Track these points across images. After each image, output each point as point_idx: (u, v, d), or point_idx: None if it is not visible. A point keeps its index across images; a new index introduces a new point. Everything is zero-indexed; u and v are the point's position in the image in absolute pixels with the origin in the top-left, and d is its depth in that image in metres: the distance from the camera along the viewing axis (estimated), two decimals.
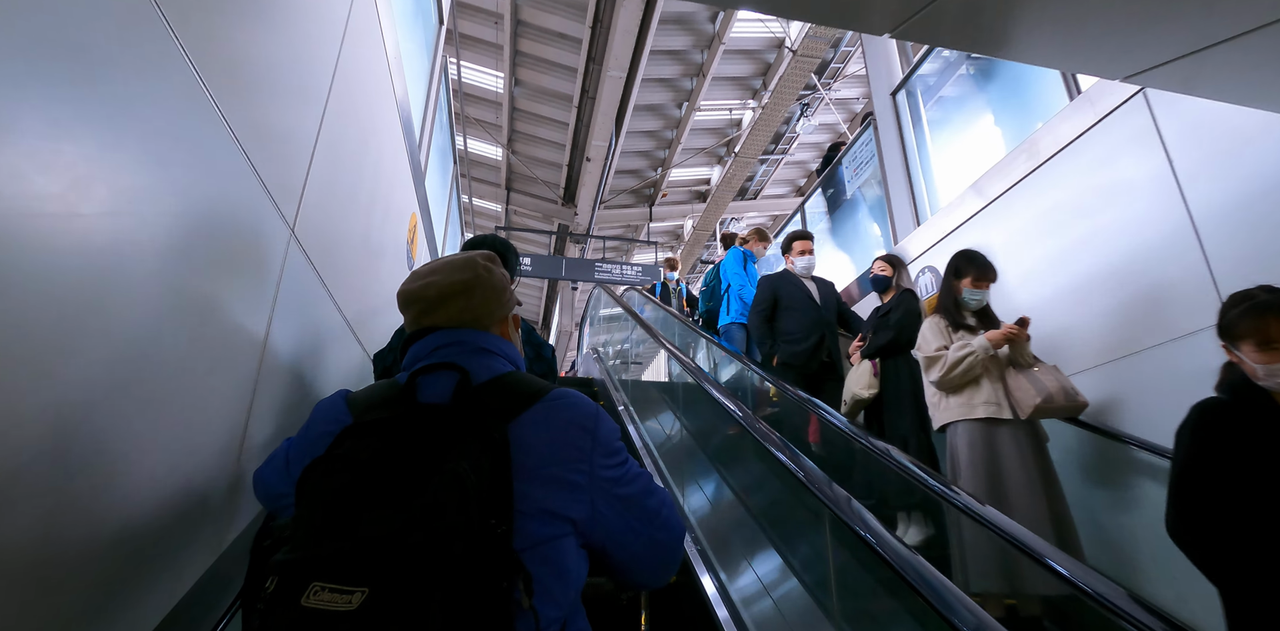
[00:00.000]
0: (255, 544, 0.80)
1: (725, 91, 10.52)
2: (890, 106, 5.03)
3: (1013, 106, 3.94)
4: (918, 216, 4.57)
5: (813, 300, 3.88)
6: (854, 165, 5.59)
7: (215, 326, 1.18)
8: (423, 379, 0.89)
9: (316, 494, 0.73)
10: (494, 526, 0.72)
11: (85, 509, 0.84)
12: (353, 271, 2.23)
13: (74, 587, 0.83)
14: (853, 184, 5.60)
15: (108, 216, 0.85)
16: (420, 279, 1.00)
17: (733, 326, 4.69)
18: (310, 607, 0.64)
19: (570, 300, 14.20)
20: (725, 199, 11.28)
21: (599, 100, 9.14)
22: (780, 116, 9.51)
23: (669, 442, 3.51)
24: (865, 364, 3.23)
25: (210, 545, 1.23)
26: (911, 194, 4.67)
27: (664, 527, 0.91)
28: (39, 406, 0.74)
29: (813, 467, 1.75)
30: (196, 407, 1.13)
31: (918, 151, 4.75)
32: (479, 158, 12.52)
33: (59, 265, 0.76)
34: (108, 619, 0.91)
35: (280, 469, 0.97)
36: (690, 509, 2.79)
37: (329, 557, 0.67)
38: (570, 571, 0.82)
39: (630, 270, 11.94)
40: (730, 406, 2.37)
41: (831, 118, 11.40)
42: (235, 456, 1.30)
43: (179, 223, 1.03)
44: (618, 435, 0.92)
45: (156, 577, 1.04)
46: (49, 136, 0.74)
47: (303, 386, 1.72)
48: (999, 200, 3.57)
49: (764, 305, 3.89)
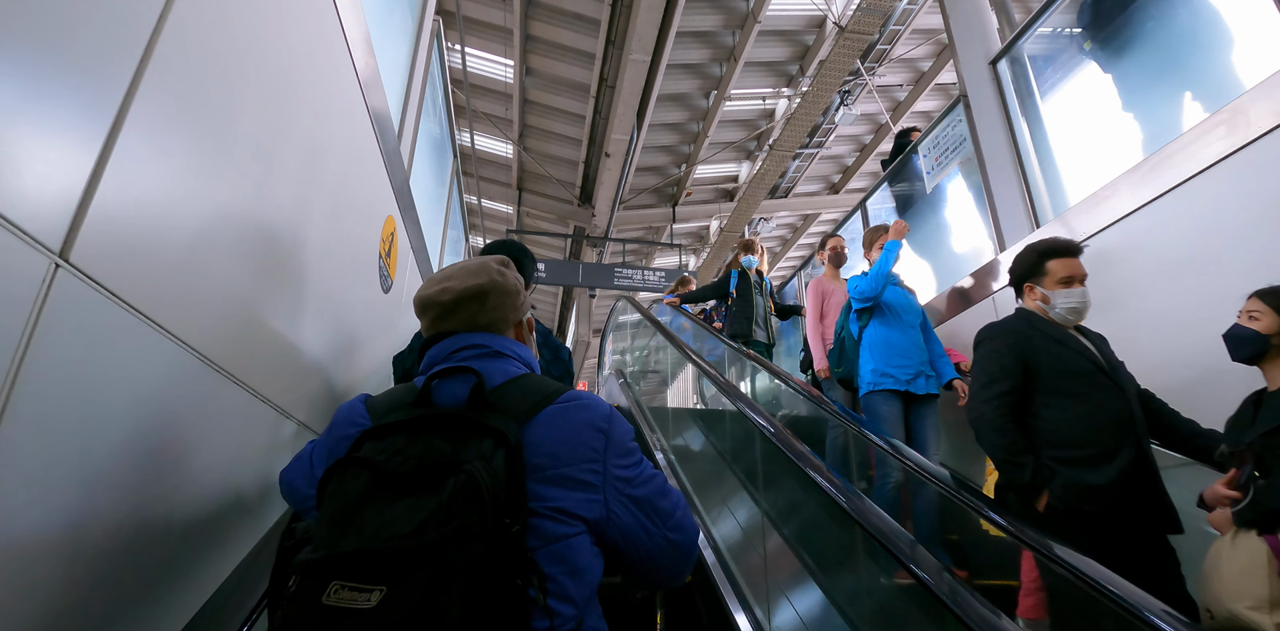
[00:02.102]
0: (279, 544, 0.82)
1: (758, 78, 9.52)
2: (989, 79, 4.04)
3: (1191, 69, 2.94)
4: (1034, 215, 3.58)
5: (1104, 374, 1.95)
6: (935, 153, 4.60)
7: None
8: (439, 383, 0.93)
9: (336, 495, 0.76)
10: (508, 526, 0.74)
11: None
12: (262, 301, 1.32)
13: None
14: (933, 176, 4.61)
15: None
16: (436, 284, 1.03)
17: (876, 396, 2.94)
18: (330, 605, 0.66)
19: (587, 308, 13.26)
20: (757, 197, 10.28)
21: (619, 89, 8.19)
22: (822, 104, 8.50)
23: (745, 536, 2.54)
24: (1252, 542, 1.50)
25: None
26: (1024, 187, 3.68)
27: (677, 529, 0.92)
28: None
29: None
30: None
31: (1029, 135, 3.76)
32: (488, 155, 11.61)
33: None
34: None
35: (305, 470, 1.04)
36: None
37: (348, 557, 0.69)
38: (585, 570, 0.83)
39: (652, 275, 11.03)
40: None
41: (874, 106, 10.38)
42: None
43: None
44: (632, 436, 0.94)
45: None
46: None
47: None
48: (1177, 191, 2.58)
49: (1008, 383, 1.94)
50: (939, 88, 10.47)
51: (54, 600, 0.83)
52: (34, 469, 0.78)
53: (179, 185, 1.06)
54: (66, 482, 0.85)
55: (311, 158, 1.70)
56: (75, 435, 0.85)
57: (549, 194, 12.03)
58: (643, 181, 11.58)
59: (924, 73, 10.18)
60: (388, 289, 2.74)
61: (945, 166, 4.48)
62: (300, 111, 1.59)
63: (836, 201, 12.87)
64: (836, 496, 1.69)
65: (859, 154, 12.08)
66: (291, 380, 1.66)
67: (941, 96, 10.78)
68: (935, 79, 10.07)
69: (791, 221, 14.22)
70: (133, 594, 1.01)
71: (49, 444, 0.81)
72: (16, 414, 0.74)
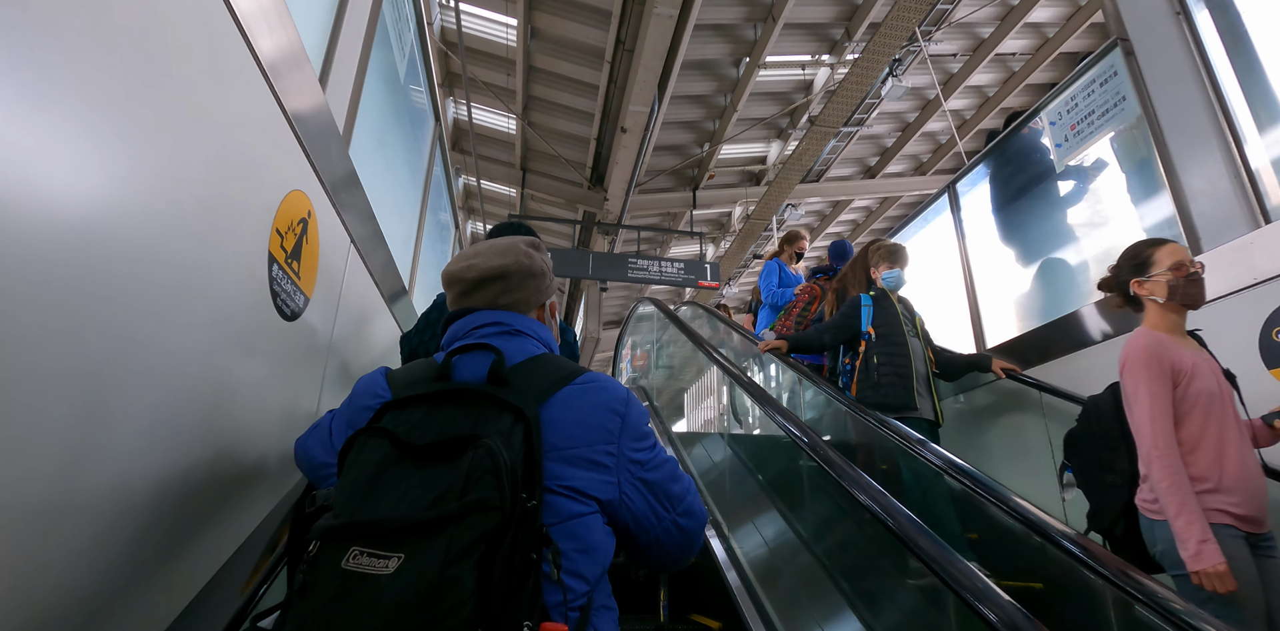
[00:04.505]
0: (297, 510, 0.91)
1: (797, 42, 8.31)
2: (1168, 10, 2.89)
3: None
4: (1261, 206, 2.47)
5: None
6: (1070, 119, 3.47)
7: None
8: (459, 358, 0.93)
9: (357, 464, 0.77)
10: (524, 500, 0.75)
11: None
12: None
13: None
14: (1065, 151, 3.47)
15: None
16: (464, 260, 1.05)
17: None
18: (350, 570, 0.68)
19: (597, 301, 12.15)
20: (791, 180, 9.12)
21: (640, 52, 7.01)
22: (874, 73, 7.34)
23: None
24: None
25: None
26: (1240, 165, 2.56)
27: (687, 513, 0.94)
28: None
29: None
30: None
31: (1244, 96, 2.63)
32: (487, 131, 10.44)
33: None
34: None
35: (324, 440, 1.04)
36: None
37: (368, 524, 0.70)
38: (597, 548, 0.84)
39: (670, 267, 9.92)
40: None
41: (923, 78, 9.17)
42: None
43: None
44: (647, 420, 0.95)
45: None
46: None
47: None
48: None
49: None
50: (998, 59, 9.25)
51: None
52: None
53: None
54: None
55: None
56: None
57: (556, 175, 10.87)
58: (660, 162, 10.41)
59: (983, 40, 8.96)
60: (296, 311, 1.66)
61: (1088, 138, 3.35)
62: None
63: (872, 187, 11.68)
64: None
65: (900, 134, 10.87)
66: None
67: (999, 69, 9.56)
68: (996, 48, 8.86)
69: (820, 208, 13.04)
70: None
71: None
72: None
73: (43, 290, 0.79)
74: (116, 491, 0.97)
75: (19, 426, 0.76)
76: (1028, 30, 8.84)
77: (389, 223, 2.93)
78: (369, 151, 2.56)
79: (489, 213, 11.90)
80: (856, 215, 13.54)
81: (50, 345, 0.81)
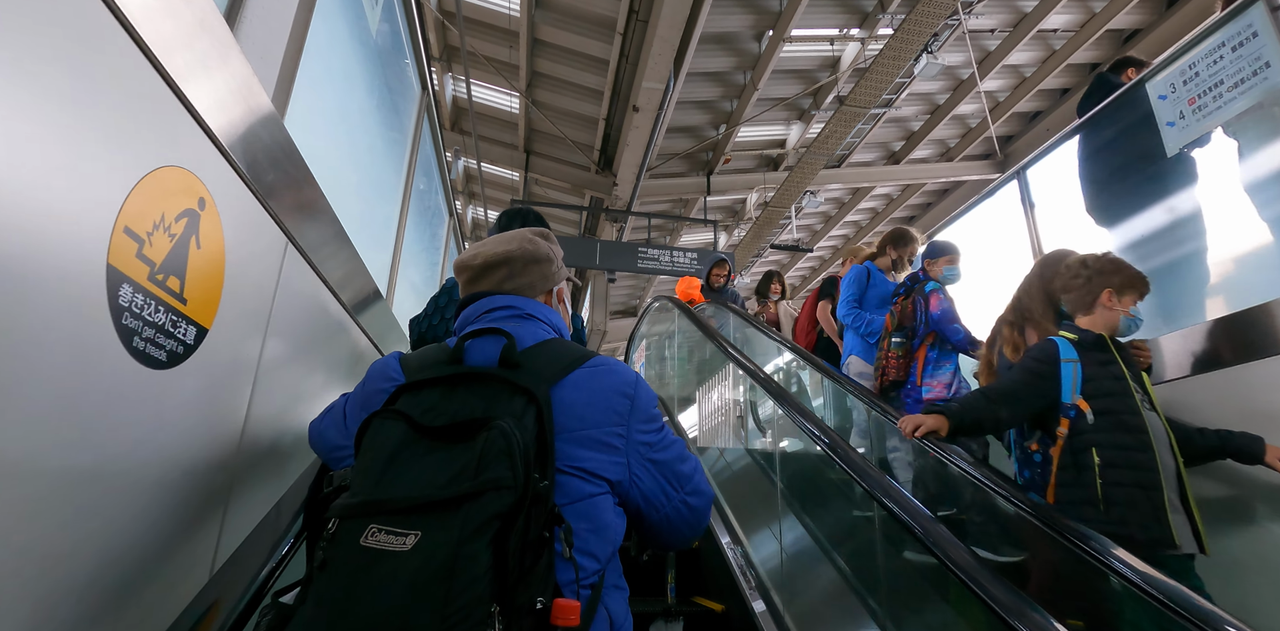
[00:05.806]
0: (313, 490, 0.91)
1: (826, 14, 7.64)
2: None
3: None
4: None
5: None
6: (1189, 92, 2.86)
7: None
8: (471, 343, 0.94)
9: (373, 445, 0.79)
10: (537, 480, 0.76)
11: None
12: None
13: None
14: (1182, 130, 2.87)
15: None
16: (473, 250, 1.09)
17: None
18: (368, 547, 0.70)
19: (604, 292, 11.56)
20: (815, 165, 8.48)
21: (655, 22, 6.37)
22: (911, 49, 6.69)
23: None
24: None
25: None
26: None
27: (695, 492, 0.96)
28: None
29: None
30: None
31: None
32: (488, 109, 9.79)
33: None
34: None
35: (338, 423, 1.05)
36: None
37: (385, 503, 0.73)
38: (608, 527, 0.86)
39: (682, 257, 9.34)
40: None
41: (959, 57, 8.49)
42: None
43: None
44: (655, 402, 0.97)
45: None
46: None
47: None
48: None
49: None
50: (1039, 36, 8.56)
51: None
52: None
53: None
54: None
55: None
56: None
57: (562, 158, 10.22)
58: (673, 145, 9.75)
59: (1025, 15, 8.26)
60: (175, 353, 1.09)
61: (1212, 115, 2.74)
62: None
63: (896, 173, 11.01)
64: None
65: (929, 117, 10.18)
66: None
67: (1040, 47, 8.87)
68: (1038, 24, 8.16)
69: (839, 195, 12.39)
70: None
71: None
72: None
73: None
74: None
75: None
76: (1074, 4, 8.14)
77: (355, 211, 2.35)
78: (322, 122, 1.98)
79: (490, 197, 11.28)
80: (876, 203, 12.88)
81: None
